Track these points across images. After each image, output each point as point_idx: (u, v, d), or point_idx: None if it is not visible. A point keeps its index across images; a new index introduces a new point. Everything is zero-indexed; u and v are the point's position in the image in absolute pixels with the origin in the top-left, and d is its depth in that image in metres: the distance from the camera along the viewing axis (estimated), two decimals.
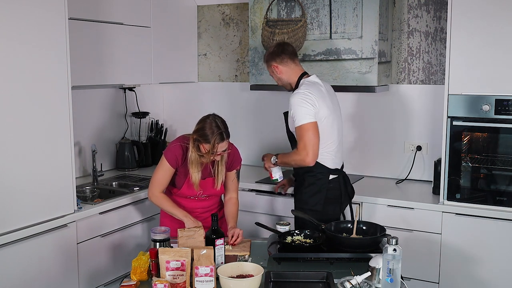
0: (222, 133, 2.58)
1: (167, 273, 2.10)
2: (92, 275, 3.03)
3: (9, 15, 2.49)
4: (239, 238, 2.58)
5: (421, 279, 3.13)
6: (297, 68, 2.93)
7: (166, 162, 2.72)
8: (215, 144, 2.57)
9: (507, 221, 2.89)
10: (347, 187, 2.98)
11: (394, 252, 2.00)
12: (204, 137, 2.58)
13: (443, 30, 3.45)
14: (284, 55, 2.89)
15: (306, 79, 2.88)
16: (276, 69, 2.91)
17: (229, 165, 2.80)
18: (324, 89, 2.89)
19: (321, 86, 2.88)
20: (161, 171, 2.75)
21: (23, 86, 2.59)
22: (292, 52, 2.92)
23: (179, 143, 2.73)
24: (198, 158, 2.65)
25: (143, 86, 4.10)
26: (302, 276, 2.19)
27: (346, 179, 2.97)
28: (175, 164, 2.73)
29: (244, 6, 4.05)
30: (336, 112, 2.93)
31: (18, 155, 2.59)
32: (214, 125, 2.59)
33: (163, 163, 2.74)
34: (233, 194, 2.88)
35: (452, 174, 3.05)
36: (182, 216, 2.71)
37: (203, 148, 2.61)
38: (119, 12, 3.49)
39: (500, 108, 2.89)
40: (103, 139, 3.91)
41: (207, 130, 2.58)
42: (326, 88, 2.93)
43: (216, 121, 2.61)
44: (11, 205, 2.58)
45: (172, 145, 2.76)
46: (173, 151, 2.72)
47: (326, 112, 2.81)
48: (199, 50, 4.33)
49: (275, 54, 2.90)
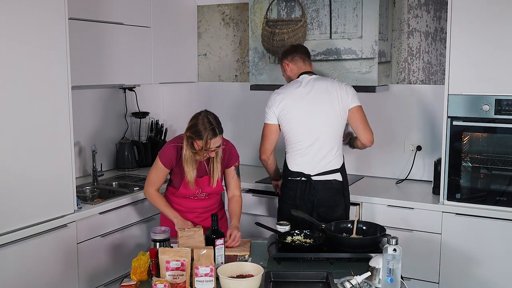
0: (214, 129, 2.57)
1: (167, 273, 2.10)
2: (92, 275, 3.03)
3: (9, 15, 2.49)
4: (236, 242, 2.55)
5: (421, 279, 3.13)
6: (305, 67, 2.99)
7: (159, 162, 2.75)
8: (207, 140, 2.55)
9: (507, 221, 2.89)
10: (308, 195, 2.86)
11: (394, 252, 2.00)
12: (196, 133, 2.57)
13: (443, 30, 3.45)
14: (296, 54, 3.00)
15: (295, 79, 2.95)
16: (287, 67, 3.02)
17: (226, 162, 2.79)
18: (305, 89, 2.86)
19: (302, 87, 2.87)
20: (155, 171, 2.79)
21: (23, 86, 2.59)
22: (304, 51, 3.03)
23: (174, 144, 2.73)
24: (193, 155, 2.64)
25: (143, 86, 4.10)
26: (302, 276, 2.19)
27: (309, 186, 2.85)
28: (168, 165, 2.75)
29: (244, 6, 4.05)
30: (313, 112, 2.85)
31: (18, 155, 2.59)
32: (206, 121, 2.57)
33: (157, 163, 2.77)
34: (236, 191, 2.87)
35: (452, 174, 3.05)
36: (172, 217, 2.73)
37: (196, 145, 2.60)
38: (119, 12, 3.49)
39: (500, 108, 2.89)
40: (103, 139, 3.91)
41: (199, 127, 2.57)
42: (314, 87, 2.86)
43: (208, 117, 2.60)
44: (11, 205, 2.58)
45: (166, 146, 2.77)
46: (167, 153, 2.73)
47: (294, 113, 2.85)
48: (199, 50, 4.33)
49: (288, 53, 3.04)
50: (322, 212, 2.86)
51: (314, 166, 2.87)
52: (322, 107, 2.85)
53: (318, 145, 2.85)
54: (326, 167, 2.87)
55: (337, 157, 2.90)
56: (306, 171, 2.87)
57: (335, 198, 2.90)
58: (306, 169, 2.87)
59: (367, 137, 2.93)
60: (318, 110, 2.84)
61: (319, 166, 2.86)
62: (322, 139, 2.86)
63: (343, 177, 2.93)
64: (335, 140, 2.88)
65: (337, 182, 2.90)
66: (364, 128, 2.92)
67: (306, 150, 2.86)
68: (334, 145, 2.88)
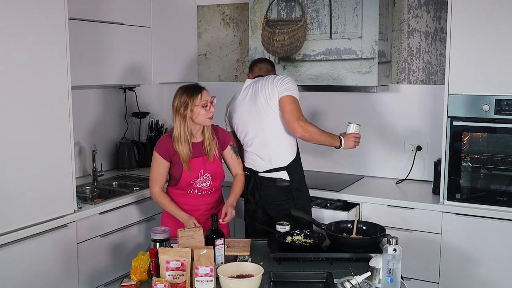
0: (197, 84, 2.76)
1: (167, 273, 2.10)
2: (92, 275, 3.03)
3: (9, 15, 2.49)
4: (228, 217, 2.67)
5: (421, 279, 3.13)
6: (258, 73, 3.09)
7: (157, 155, 2.75)
8: (202, 91, 2.68)
9: (507, 221, 2.89)
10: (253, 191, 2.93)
11: (394, 252, 2.00)
12: (189, 93, 2.67)
13: (443, 30, 3.45)
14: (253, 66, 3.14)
15: None
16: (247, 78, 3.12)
17: (222, 142, 2.84)
18: (238, 95, 3.01)
19: (237, 94, 3.02)
20: (155, 167, 2.78)
21: (23, 86, 2.59)
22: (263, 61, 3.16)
23: (167, 135, 2.78)
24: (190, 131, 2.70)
25: (143, 86, 4.10)
26: (302, 276, 2.19)
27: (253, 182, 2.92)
28: (166, 155, 2.74)
29: (244, 6, 4.05)
30: (246, 114, 2.92)
31: (18, 155, 2.59)
32: (185, 86, 2.74)
33: (155, 158, 2.77)
34: (238, 170, 2.93)
35: (452, 174, 3.05)
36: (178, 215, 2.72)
37: (195, 107, 2.66)
38: (119, 12, 3.49)
39: (500, 108, 2.89)
40: (103, 139, 3.91)
41: (186, 90, 2.70)
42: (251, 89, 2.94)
43: (184, 85, 2.76)
44: (11, 205, 2.58)
45: (160, 139, 2.80)
46: (162, 143, 2.76)
47: (236, 117, 2.99)
48: (199, 50, 4.33)
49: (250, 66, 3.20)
50: (268, 209, 2.91)
51: (258, 163, 2.92)
52: (255, 108, 2.89)
53: (259, 144, 2.90)
54: (270, 165, 2.89)
55: (280, 156, 2.89)
56: (255, 168, 2.93)
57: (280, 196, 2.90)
58: (252, 165, 2.94)
59: (292, 128, 2.81)
60: (253, 111, 2.89)
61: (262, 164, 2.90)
62: (260, 138, 2.89)
63: (291, 176, 2.89)
64: (276, 138, 2.88)
65: (281, 181, 2.89)
66: (287, 119, 2.80)
67: (250, 148, 2.93)
68: (276, 143, 2.88)
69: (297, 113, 2.78)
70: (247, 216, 3.04)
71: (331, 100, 3.80)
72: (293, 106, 2.79)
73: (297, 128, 2.77)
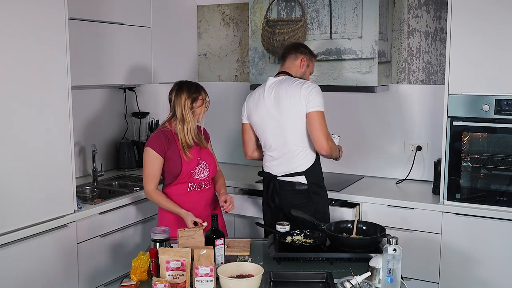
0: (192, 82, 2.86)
1: (167, 273, 2.10)
2: (92, 275, 3.03)
3: (9, 15, 2.49)
4: (229, 204, 2.82)
5: (421, 279, 3.13)
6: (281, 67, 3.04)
7: (152, 151, 2.75)
8: (204, 89, 2.84)
9: (507, 221, 2.89)
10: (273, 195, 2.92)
11: (394, 252, 2.00)
12: (197, 91, 2.78)
13: (443, 30, 3.45)
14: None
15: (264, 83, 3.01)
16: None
17: (205, 136, 2.97)
18: (262, 94, 2.90)
19: (261, 91, 2.93)
20: (149, 164, 2.78)
21: (23, 86, 2.59)
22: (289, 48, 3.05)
23: (159, 131, 2.82)
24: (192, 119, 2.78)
25: (143, 86, 4.10)
26: (302, 276, 2.19)
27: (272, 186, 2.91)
28: (160, 150, 2.75)
29: (244, 6, 4.05)
30: (267, 116, 2.87)
31: (18, 155, 2.59)
32: (184, 81, 2.83)
33: (150, 154, 2.76)
34: (217, 166, 3.00)
35: (452, 174, 3.05)
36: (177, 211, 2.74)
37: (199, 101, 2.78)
38: (119, 12, 3.49)
39: (500, 108, 2.89)
40: (103, 139, 3.91)
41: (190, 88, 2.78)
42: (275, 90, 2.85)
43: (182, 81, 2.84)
44: (11, 205, 2.58)
45: (152, 135, 2.83)
46: (155, 139, 2.78)
47: (256, 116, 2.94)
48: (199, 50, 4.33)
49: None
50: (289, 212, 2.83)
51: (277, 168, 2.90)
52: (277, 113, 2.84)
53: (275, 147, 2.89)
54: (289, 169, 2.88)
55: (300, 160, 2.86)
56: (273, 172, 2.93)
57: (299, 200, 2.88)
58: (272, 170, 2.93)
59: (318, 145, 2.79)
60: (276, 116, 2.85)
61: (281, 168, 2.89)
62: (281, 142, 2.86)
63: (309, 180, 2.87)
64: (297, 143, 2.85)
65: (300, 184, 2.87)
66: (317, 135, 2.77)
67: (272, 152, 2.91)
68: (296, 148, 2.85)
69: (326, 131, 2.79)
70: (267, 220, 3.02)
71: (331, 100, 3.80)
72: (322, 122, 2.78)
73: (325, 147, 2.78)
